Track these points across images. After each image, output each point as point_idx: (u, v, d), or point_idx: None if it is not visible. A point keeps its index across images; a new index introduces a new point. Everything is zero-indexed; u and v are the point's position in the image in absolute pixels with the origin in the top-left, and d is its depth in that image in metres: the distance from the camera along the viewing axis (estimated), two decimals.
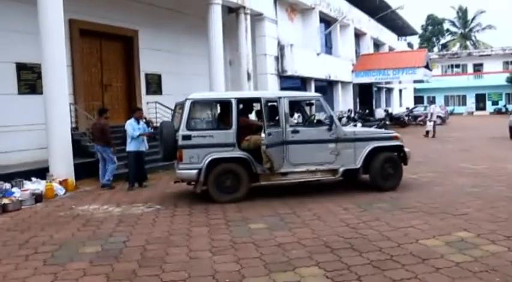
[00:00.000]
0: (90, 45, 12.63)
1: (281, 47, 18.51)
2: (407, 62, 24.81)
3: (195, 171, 7.18)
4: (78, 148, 10.39)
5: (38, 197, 7.86)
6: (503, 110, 46.83)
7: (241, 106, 7.87)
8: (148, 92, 14.30)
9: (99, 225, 6.19)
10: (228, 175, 7.33)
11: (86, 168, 10.02)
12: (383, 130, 8.78)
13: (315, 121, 8.27)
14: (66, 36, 10.85)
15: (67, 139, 9.32)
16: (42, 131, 9.46)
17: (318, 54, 21.09)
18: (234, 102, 7.32)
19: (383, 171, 7.97)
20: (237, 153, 7.28)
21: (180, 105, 7.53)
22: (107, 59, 13.22)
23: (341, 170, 7.76)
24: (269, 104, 7.41)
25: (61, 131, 9.20)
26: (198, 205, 7.25)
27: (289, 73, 18.54)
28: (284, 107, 7.47)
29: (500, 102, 49.04)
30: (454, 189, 8.08)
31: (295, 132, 7.51)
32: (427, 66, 25.79)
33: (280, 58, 18.51)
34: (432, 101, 45.37)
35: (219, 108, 8.08)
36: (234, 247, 5.04)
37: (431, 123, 20.11)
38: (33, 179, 8.66)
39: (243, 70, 16.18)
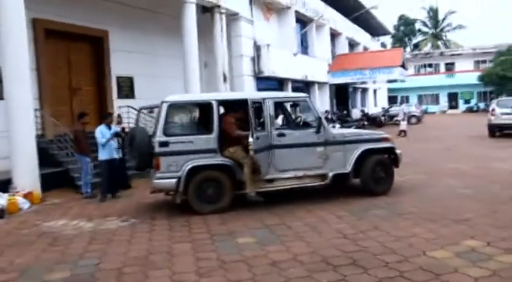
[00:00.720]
0: (56, 47, 11.82)
1: (257, 48, 17.97)
2: (384, 62, 24.66)
3: (173, 180, 6.56)
4: (45, 157, 9.59)
5: None
6: (475, 108, 47.57)
7: (221, 109, 7.29)
8: (120, 96, 13.54)
9: (68, 244, 5.51)
10: (209, 183, 6.74)
11: (53, 179, 9.26)
12: (373, 131, 8.35)
13: (300, 123, 7.76)
14: (30, 37, 10.18)
15: (31, 147, 8.57)
16: (4, 138, 8.67)
17: (294, 54, 20.66)
18: (215, 104, 6.74)
19: (374, 174, 7.53)
20: (219, 159, 6.69)
21: (150, 109, 6.95)
22: (75, 61, 12.43)
23: (330, 174, 7.27)
24: (254, 105, 6.87)
25: (25, 139, 8.45)
26: (178, 217, 6.63)
27: (266, 74, 18.02)
28: (269, 109, 6.94)
29: (472, 100, 49.76)
30: (447, 192, 7.72)
31: (281, 135, 6.98)
32: (402, 66, 25.69)
33: (256, 59, 17.96)
34: (405, 100, 46.00)
35: (198, 111, 7.47)
36: (222, 267, 4.46)
37: (405, 122, 20.30)
38: None
39: (219, 72, 15.57)
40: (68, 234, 5.97)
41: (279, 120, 7.86)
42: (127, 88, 13.88)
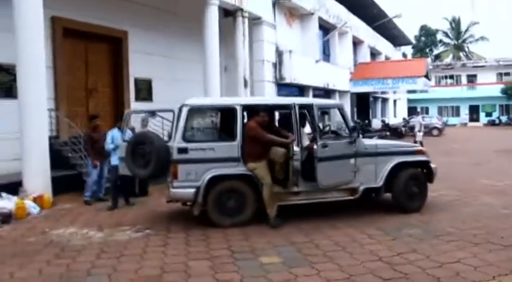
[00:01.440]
0: (74, 46, 11.49)
1: (279, 53, 17.50)
2: (408, 71, 23.95)
3: (192, 190, 6.06)
4: (58, 159, 9.23)
5: (5, 218, 6.70)
6: (497, 121, 46.45)
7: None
8: (137, 99, 13.16)
9: (76, 256, 5.05)
10: (231, 195, 6.23)
11: (66, 182, 8.87)
12: (406, 143, 7.77)
13: (329, 132, 7.23)
14: (48, 35, 9.86)
15: (44, 149, 8.17)
16: (17, 139, 8.29)
17: (316, 61, 20.13)
18: (238, 109, 6.25)
19: (407, 190, 6.96)
20: (242, 169, 6.17)
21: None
22: (93, 61, 12.08)
23: (361, 188, 6.72)
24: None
25: (38, 140, 8.06)
26: (195, 229, 6.14)
27: (287, 81, 17.53)
28: (316, 116, 6.47)
29: (493, 113, 48.63)
30: (486, 211, 7.10)
31: (325, 146, 6.42)
32: (426, 76, 24.99)
33: (278, 65, 17.49)
34: (425, 112, 45.06)
35: (220, 116, 6.99)
36: None
37: (421, 133, 19.79)
38: (3, 194, 7.43)
39: (240, 76, 15.11)
40: (76, 245, 5.50)
41: (307, 129, 7.31)
42: (145, 91, 13.49)
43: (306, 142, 6.47)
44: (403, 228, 6.11)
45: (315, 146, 6.05)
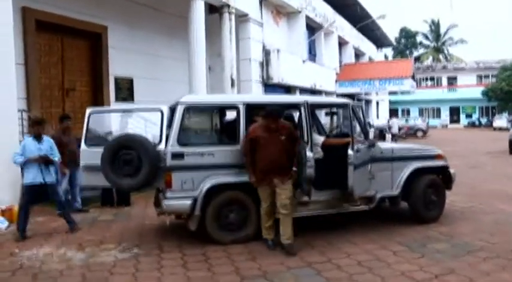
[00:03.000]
0: (49, 41, 10.50)
1: (266, 52, 16.73)
2: (394, 72, 23.51)
3: (188, 202, 5.22)
4: None
5: None
6: (477, 123, 46.75)
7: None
8: (117, 99, 12.18)
9: None
10: (232, 207, 5.42)
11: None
12: (424, 147, 7.09)
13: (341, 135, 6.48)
14: (18, 27, 8.88)
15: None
16: None
17: (303, 61, 19.45)
18: (242, 108, 5.43)
19: (425, 198, 6.27)
20: (245, 177, 5.32)
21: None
22: (69, 58, 11.08)
23: (377, 197, 5.99)
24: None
25: (6, 144, 7.08)
26: (191, 247, 5.30)
27: (275, 81, 16.77)
28: (350, 116, 5.74)
29: (474, 115, 48.94)
30: (508, 220, 6.50)
31: (358, 151, 5.64)
32: (412, 77, 24.60)
33: (265, 64, 16.72)
34: (406, 113, 44.95)
35: (221, 116, 6.16)
36: None
37: (389, 135, 19.53)
38: None
39: (226, 76, 14.26)
40: (52, 270, 4.59)
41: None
42: (126, 90, 12.52)
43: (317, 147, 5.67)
44: (427, 242, 5.42)
45: (349, 152, 5.35)
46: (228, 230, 5.41)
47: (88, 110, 5.89)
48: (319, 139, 5.63)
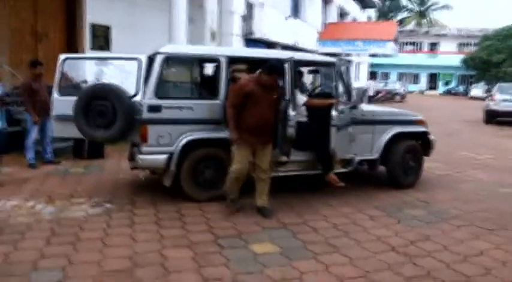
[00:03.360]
0: None
1: (249, 5, 16.21)
2: (378, 34, 23.26)
3: (164, 157, 5.04)
4: None
5: None
6: (454, 91, 47.20)
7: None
8: (93, 47, 11.63)
9: (18, 242, 3.95)
10: (209, 163, 5.27)
11: (8, 140, 7.56)
12: (405, 111, 7.00)
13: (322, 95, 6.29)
14: None
15: None
16: None
17: (286, 17, 18.98)
18: (224, 61, 5.18)
19: (404, 163, 6.24)
20: (225, 133, 5.12)
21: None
22: (42, 1, 10.46)
23: (356, 160, 5.92)
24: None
25: None
26: (165, 204, 5.17)
27: (257, 36, 16.35)
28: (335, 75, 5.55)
29: (451, 83, 49.34)
30: (483, 189, 6.56)
31: (341, 112, 5.48)
32: (395, 40, 24.40)
33: (248, 18, 16.23)
34: (385, 77, 44.94)
35: (201, 69, 5.89)
36: None
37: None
38: None
39: (207, 28, 13.79)
40: (20, 224, 4.40)
41: None
42: (102, 39, 11.95)
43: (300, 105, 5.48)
44: (403, 208, 5.42)
45: (333, 112, 5.17)
46: (203, 187, 5.28)
47: (62, 56, 5.55)
48: (302, 99, 5.44)
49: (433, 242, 4.29)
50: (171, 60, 5.19)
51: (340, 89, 5.64)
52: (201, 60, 5.90)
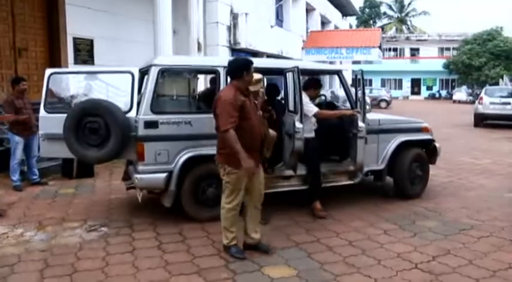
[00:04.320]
0: None
1: (234, 16, 15.99)
2: (362, 42, 23.23)
3: (163, 176, 4.72)
4: None
5: None
6: (437, 95, 47.65)
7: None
8: (76, 61, 11.25)
9: (8, 277, 3.59)
10: (211, 181, 4.95)
11: None
12: (410, 119, 6.79)
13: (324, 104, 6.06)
14: None
15: None
16: None
17: (271, 26, 18.81)
18: (222, 72, 4.89)
19: (411, 173, 6.00)
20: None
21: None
22: (21, 14, 10.05)
23: (363, 171, 5.65)
24: None
25: None
26: (166, 225, 4.83)
27: (242, 46, 16.10)
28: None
29: (434, 87, 49.82)
30: (490, 196, 6.35)
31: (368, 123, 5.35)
32: (380, 47, 24.40)
33: (233, 28, 16.01)
34: (368, 83, 45.07)
35: (198, 81, 5.60)
36: None
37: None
38: None
39: (192, 39, 13.45)
40: (9, 255, 4.01)
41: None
42: (85, 52, 11.59)
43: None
44: (415, 219, 5.18)
45: (361, 124, 5.02)
46: (206, 206, 4.95)
47: (48, 71, 5.21)
48: (311, 111, 5.16)
49: (455, 256, 4.04)
50: (166, 72, 4.88)
51: (353, 98, 5.45)
52: (199, 72, 5.60)
